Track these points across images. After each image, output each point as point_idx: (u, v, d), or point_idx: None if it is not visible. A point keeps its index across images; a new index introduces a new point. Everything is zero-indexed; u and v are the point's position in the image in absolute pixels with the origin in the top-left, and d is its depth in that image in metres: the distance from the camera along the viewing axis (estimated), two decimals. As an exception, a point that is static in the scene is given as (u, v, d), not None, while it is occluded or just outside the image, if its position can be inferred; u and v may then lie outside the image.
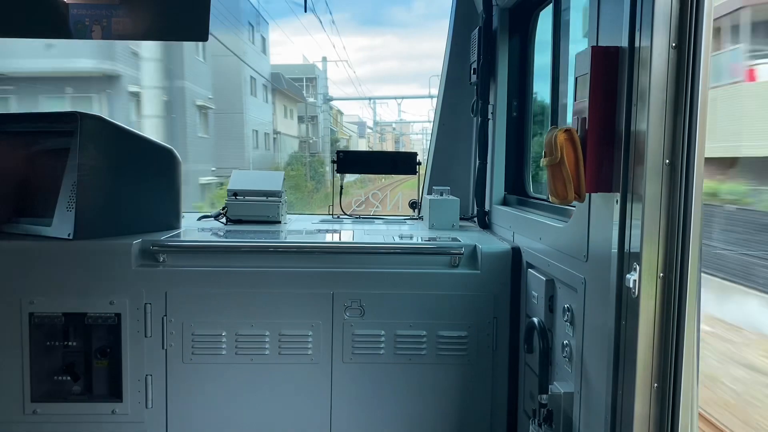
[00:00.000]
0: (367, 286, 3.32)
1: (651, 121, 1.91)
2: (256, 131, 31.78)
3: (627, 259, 2.04)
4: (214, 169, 24.26)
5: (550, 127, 2.52)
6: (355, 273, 3.33)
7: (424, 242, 3.66)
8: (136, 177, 3.61)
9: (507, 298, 3.35)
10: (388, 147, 55.31)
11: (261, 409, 3.36)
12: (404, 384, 3.37)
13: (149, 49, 15.23)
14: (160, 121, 16.27)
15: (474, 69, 4.15)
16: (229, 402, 3.35)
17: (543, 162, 2.32)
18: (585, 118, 2.18)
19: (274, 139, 35.53)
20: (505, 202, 3.99)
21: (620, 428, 2.10)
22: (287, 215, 4.41)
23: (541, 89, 3.88)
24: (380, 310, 3.33)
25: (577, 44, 3.20)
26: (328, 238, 3.87)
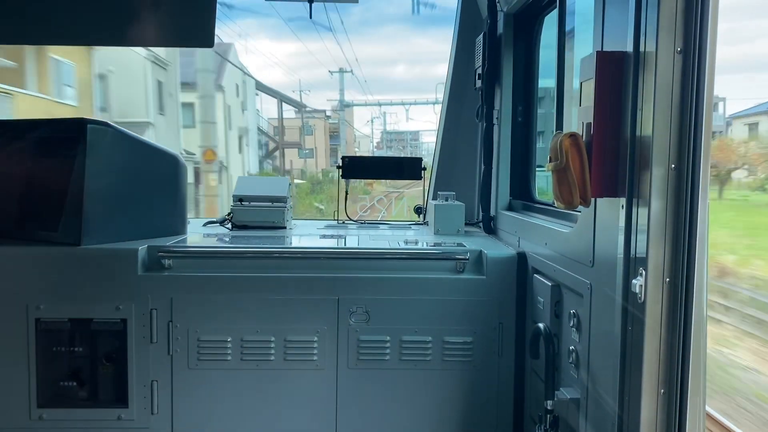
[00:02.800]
0: (373, 291, 3.32)
1: (656, 126, 1.90)
2: None
3: (633, 264, 2.03)
4: None
5: (555, 132, 2.51)
6: (361, 278, 3.33)
7: (429, 248, 3.66)
8: (141, 183, 3.62)
9: (512, 304, 3.34)
10: (319, 141, 48.58)
11: (266, 415, 3.36)
12: (410, 389, 3.36)
13: None
14: None
15: (479, 74, 4.15)
16: (235, 408, 3.34)
17: (548, 167, 2.31)
18: (590, 122, 2.18)
19: None
20: (510, 208, 3.99)
21: None
22: (292, 220, 4.42)
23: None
24: (385, 316, 3.32)
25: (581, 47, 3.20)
26: (334, 243, 3.87)
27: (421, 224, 4.63)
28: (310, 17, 4.24)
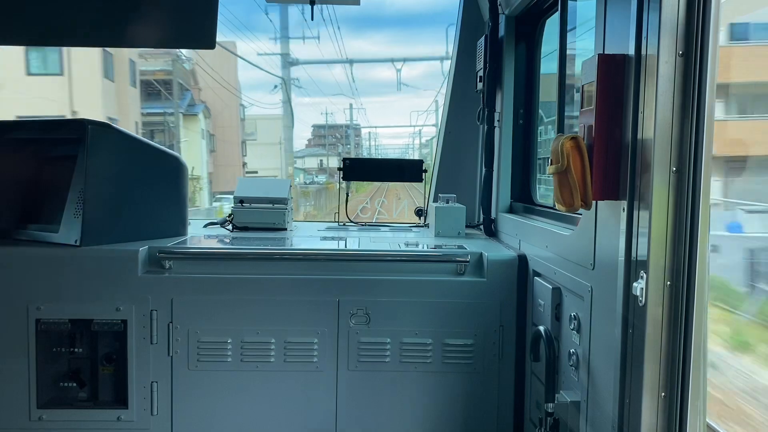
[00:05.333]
0: (373, 293, 3.32)
1: (658, 129, 1.91)
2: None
3: (634, 267, 2.03)
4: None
5: (556, 135, 2.51)
6: (361, 280, 3.33)
7: (429, 250, 3.66)
8: (142, 184, 3.62)
9: (513, 306, 3.33)
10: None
11: (266, 417, 3.36)
12: (410, 392, 3.36)
13: None
14: None
15: (480, 77, 4.15)
16: (235, 409, 3.34)
17: (550, 169, 2.31)
18: (591, 125, 2.18)
19: None
20: (511, 210, 3.99)
21: None
22: (293, 222, 4.42)
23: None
24: (386, 318, 3.32)
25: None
26: (334, 245, 3.87)
27: (422, 226, 4.63)
28: (312, 19, 4.23)
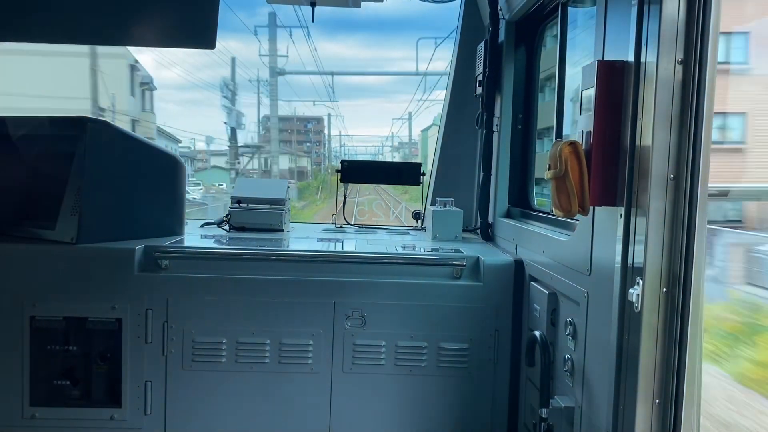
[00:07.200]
0: (369, 296, 3.31)
1: (656, 136, 1.91)
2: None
3: (630, 274, 2.03)
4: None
5: (555, 140, 2.52)
6: (357, 283, 3.32)
7: (426, 253, 3.65)
8: (140, 183, 3.62)
9: (509, 311, 3.33)
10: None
11: (260, 418, 3.35)
12: (404, 395, 3.35)
13: None
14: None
15: (479, 81, 4.16)
16: (228, 410, 3.33)
17: (547, 175, 2.31)
18: (590, 131, 2.18)
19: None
20: (508, 215, 3.99)
21: None
22: (290, 223, 4.41)
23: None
24: (381, 321, 3.32)
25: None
26: (331, 247, 3.87)
27: (419, 230, 4.63)
28: (312, 21, 4.23)
